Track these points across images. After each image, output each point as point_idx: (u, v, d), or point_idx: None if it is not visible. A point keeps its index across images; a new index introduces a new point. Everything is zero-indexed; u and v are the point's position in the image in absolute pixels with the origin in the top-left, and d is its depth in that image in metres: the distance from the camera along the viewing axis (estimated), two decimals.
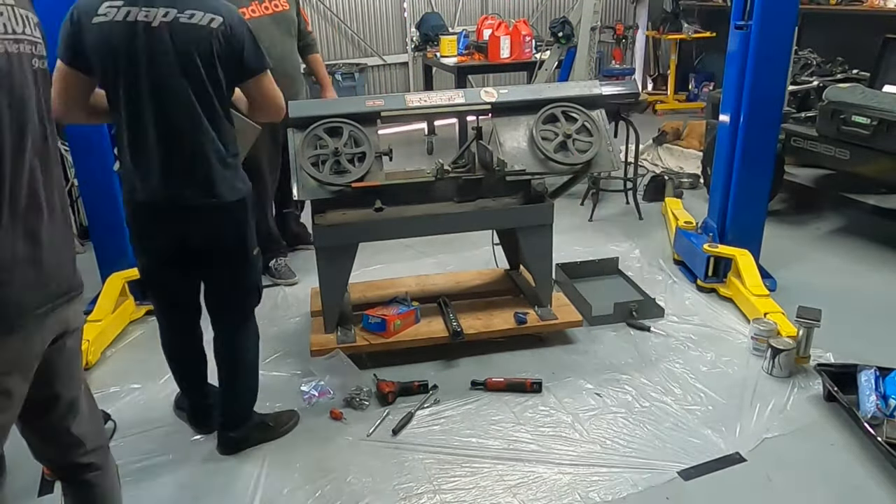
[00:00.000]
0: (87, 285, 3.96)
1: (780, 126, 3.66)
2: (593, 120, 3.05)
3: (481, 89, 3.10)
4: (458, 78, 6.23)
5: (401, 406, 2.76)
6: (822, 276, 3.80)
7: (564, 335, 3.25)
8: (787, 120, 4.40)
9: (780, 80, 3.46)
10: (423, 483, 2.35)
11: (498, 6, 8.14)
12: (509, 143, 3.04)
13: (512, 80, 7.69)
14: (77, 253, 4.63)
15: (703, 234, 3.83)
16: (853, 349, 2.99)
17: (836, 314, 3.16)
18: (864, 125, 3.86)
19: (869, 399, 2.54)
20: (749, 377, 2.90)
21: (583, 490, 2.30)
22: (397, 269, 4.03)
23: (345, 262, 3.00)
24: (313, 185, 2.84)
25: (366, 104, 2.99)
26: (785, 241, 4.25)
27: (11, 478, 2.44)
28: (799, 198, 5.04)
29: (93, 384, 3.00)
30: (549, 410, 2.72)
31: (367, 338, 3.04)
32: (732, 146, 3.53)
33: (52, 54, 3.21)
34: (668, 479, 2.35)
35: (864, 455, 2.43)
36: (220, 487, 2.38)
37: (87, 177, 3.50)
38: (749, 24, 3.29)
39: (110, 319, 3.31)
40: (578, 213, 4.90)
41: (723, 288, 3.59)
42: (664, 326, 3.33)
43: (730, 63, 3.47)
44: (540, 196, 3.17)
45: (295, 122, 2.91)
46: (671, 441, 2.53)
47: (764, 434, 2.55)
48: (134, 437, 2.65)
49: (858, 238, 4.32)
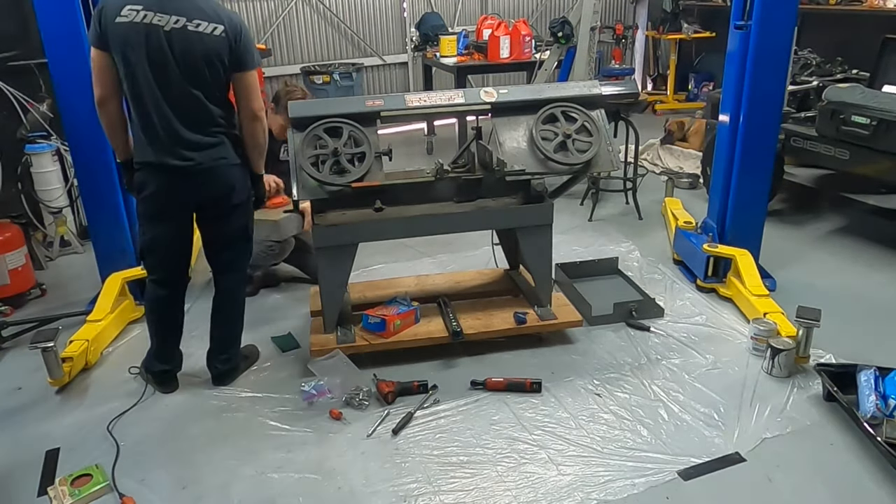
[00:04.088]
0: (87, 285, 4.00)
1: (779, 126, 3.66)
2: (593, 120, 3.05)
3: (481, 89, 3.10)
4: (457, 78, 6.23)
5: (400, 406, 2.76)
6: (821, 276, 3.80)
7: (564, 335, 3.25)
8: (787, 120, 4.41)
9: (780, 80, 3.46)
10: (423, 483, 2.35)
11: (497, 6, 8.14)
12: (509, 143, 3.04)
13: (511, 80, 7.69)
14: (76, 253, 4.66)
15: (703, 234, 3.83)
16: (853, 349, 2.99)
17: (836, 314, 3.16)
18: (863, 125, 3.86)
19: (868, 399, 2.54)
20: (749, 377, 2.90)
21: (583, 490, 2.30)
22: (397, 269, 4.03)
23: (345, 262, 3.00)
24: (313, 185, 2.84)
25: (365, 104, 2.99)
26: (785, 241, 4.25)
27: (12, 478, 2.46)
28: (799, 198, 5.05)
29: (92, 384, 3.01)
30: (548, 410, 2.72)
31: (366, 338, 3.03)
32: (732, 146, 3.53)
33: (56, 50, 3.25)
34: (667, 478, 2.35)
35: (863, 455, 2.43)
36: (219, 487, 2.38)
37: (87, 177, 3.49)
38: (749, 24, 3.28)
39: (110, 319, 3.31)
40: (578, 213, 4.90)
41: (722, 288, 3.60)
42: (664, 326, 3.33)
43: (729, 63, 3.47)
44: (539, 196, 3.17)
45: (295, 123, 2.91)
46: (671, 441, 2.53)
47: (763, 434, 2.55)
48: (135, 437, 2.65)
49: (858, 238, 4.32)
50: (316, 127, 2.88)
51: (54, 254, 4.42)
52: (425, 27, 6.99)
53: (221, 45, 2.48)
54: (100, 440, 2.63)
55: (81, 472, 2.40)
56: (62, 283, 4.06)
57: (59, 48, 3.21)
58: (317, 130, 2.88)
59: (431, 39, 6.82)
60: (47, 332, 2.94)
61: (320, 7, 7.24)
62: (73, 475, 2.38)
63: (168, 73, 2.46)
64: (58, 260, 4.40)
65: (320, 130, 2.88)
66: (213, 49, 2.47)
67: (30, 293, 3.84)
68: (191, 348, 3.08)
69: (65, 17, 3.15)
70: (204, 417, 2.76)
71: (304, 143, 2.85)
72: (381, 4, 7.53)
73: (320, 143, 2.87)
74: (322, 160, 2.85)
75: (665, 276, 3.88)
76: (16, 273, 3.75)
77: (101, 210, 3.52)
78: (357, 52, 7.55)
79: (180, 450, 2.57)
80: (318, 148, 2.86)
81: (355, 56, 7.51)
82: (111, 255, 3.58)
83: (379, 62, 7.68)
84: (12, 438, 2.69)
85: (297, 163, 2.83)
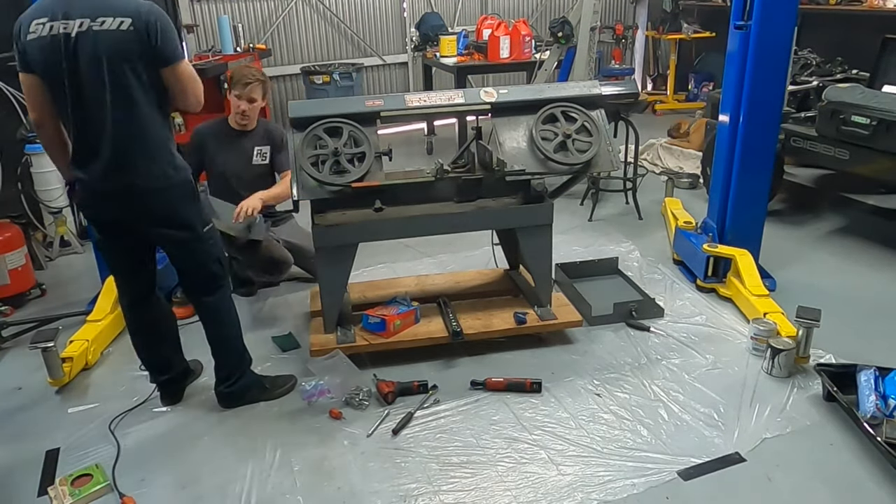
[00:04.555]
0: (87, 285, 4.00)
1: (779, 126, 3.65)
2: (593, 120, 3.05)
3: (481, 89, 3.10)
4: (457, 78, 6.23)
5: (400, 406, 2.76)
6: (821, 276, 3.80)
7: (564, 335, 3.25)
8: (787, 120, 4.40)
9: (780, 80, 3.46)
10: (423, 483, 2.35)
11: (497, 6, 8.14)
12: (509, 143, 3.04)
13: (511, 80, 7.69)
14: (75, 253, 4.65)
15: (703, 234, 3.83)
16: (853, 349, 2.99)
17: (836, 314, 3.16)
18: (863, 125, 3.86)
19: (868, 399, 2.54)
20: (748, 377, 2.90)
21: (583, 490, 2.30)
22: (397, 269, 4.03)
23: (344, 262, 3.00)
24: (313, 185, 2.84)
25: (365, 104, 2.99)
26: (784, 241, 4.25)
27: (12, 478, 2.46)
28: (798, 198, 5.05)
29: (92, 384, 3.01)
30: (548, 410, 2.72)
31: (366, 338, 3.03)
32: (732, 146, 3.53)
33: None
34: (667, 479, 2.35)
35: (863, 455, 2.43)
36: (219, 487, 2.38)
37: None
38: (749, 24, 3.28)
39: (110, 319, 3.31)
40: (578, 213, 4.90)
41: (722, 288, 3.60)
42: (664, 326, 3.32)
43: (729, 63, 3.47)
44: (539, 196, 3.17)
45: (295, 123, 2.91)
46: (671, 441, 2.53)
47: (763, 434, 2.55)
48: (135, 437, 2.65)
49: (858, 238, 4.32)
50: (316, 127, 2.88)
51: (54, 254, 4.42)
52: (425, 27, 6.99)
53: (129, 40, 2.22)
54: (100, 440, 2.63)
55: (81, 471, 2.40)
56: (62, 283, 4.06)
57: None
58: (317, 130, 2.88)
59: (431, 39, 6.82)
60: (47, 332, 2.94)
61: (320, 7, 7.24)
62: (73, 475, 2.39)
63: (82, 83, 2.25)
64: (58, 260, 4.41)
65: (320, 130, 2.88)
66: (120, 47, 2.22)
67: (30, 293, 3.85)
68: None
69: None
70: (204, 417, 2.76)
71: (304, 143, 2.85)
72: (381, 4, 7.54)
73: (320, 143, 2.87)
74: (322, 160, 2.85)
75: (665, 276, 3.88)
76: (16, 273, 3.75)
77: None
78: (357, 52, 7.56)
79: (180, 450, 2.58)
80: (318, 148, 2.86)
81: (355, 56, 7.51)
82: None
83: (379, 62, 7.68)
84: (12, 438, 2.69)
85: (297, 163, 2.83)
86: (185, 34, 6.46)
